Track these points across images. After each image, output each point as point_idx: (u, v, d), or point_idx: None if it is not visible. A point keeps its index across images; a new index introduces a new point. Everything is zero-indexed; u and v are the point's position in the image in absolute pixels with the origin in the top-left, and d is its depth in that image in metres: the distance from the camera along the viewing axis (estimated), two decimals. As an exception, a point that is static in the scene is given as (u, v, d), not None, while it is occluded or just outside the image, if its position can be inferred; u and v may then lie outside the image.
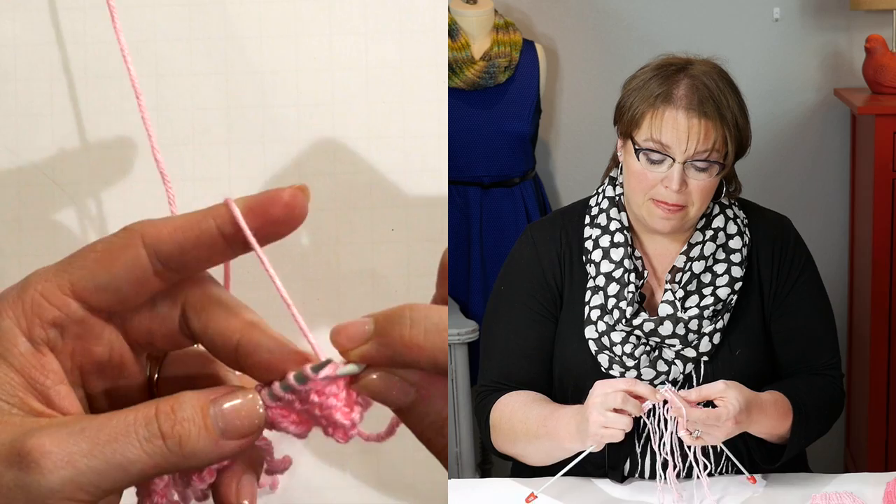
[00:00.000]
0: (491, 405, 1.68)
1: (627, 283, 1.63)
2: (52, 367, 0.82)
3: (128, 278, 0.83)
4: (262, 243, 0.85)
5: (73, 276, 0.82)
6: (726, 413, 1.46)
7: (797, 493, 1.54)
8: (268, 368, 0.84)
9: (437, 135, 1.12)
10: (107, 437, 0.78)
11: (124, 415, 0.80)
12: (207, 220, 0.84)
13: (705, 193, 1.60)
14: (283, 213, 0.85)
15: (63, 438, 0.77)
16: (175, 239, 0.83)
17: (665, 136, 1.57)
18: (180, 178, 1.12)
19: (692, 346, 1.63)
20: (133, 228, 0.84)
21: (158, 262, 0.83)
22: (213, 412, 0.81)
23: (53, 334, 0.82)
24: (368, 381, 0.83)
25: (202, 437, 0.80)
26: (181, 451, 0.80)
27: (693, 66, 1.62)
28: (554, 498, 1.55)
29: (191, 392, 0.82)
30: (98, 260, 0.82)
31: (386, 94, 1.12)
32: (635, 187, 1.62)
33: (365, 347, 0.82)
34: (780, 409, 1.58)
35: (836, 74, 3.07)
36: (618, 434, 1.45)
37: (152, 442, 0.79)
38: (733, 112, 1.59)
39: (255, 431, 0.83)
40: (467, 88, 2.74)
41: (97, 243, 0.83)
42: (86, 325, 0.83)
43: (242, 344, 0.84)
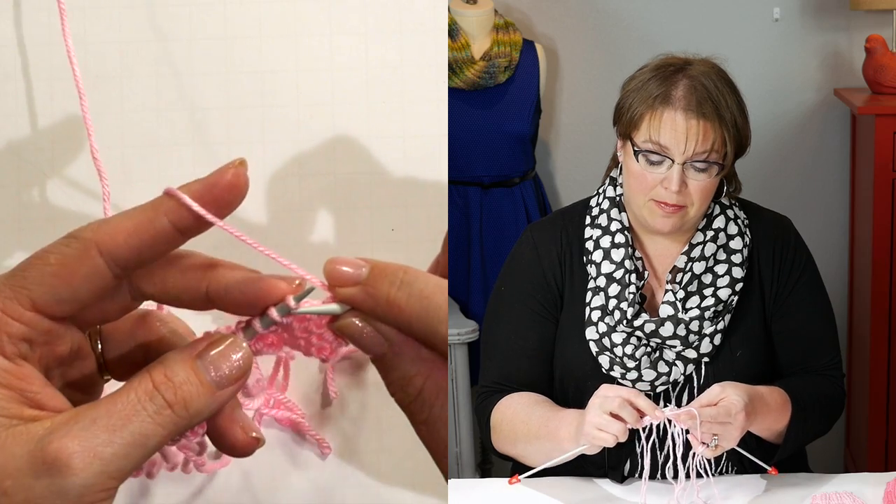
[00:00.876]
0: (492, 406, 1.68)
1: (628, 284, 1.63)
2: (34, 375, 0.82)
3: (88, 288, 0.83)
4: (209, 224, 0.85)
5: (33, 292, 0.81)
6: (735, 406, 1.46)
7: (797, 493, 1.54)
8: (246, 305, 0.85)
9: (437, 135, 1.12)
10: (119, 421, 0.79)
11: (125, 395, 0.81)
12: (160, 217, 0.83)
13: (705, 194, 1.60)
14: (229, 193, 0.85)
15: (81, 435, 0.78)
16: (130, 244, 0.83)
17: (664, 138, 1.57)
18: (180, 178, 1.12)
19: (693, 348, 1.63)
20: (85, 237, 0.83)
21: (116, 266, 0.83)
22: (203, 366, 0.82)
23: (24, 347, 0.82)
24: (347, 322, 0.85)
25: (202, 394, 0.82)
26: (188, 413, 0.81)
27: (692, 66, 1.62)
28: (554, 497, 1.55)
29: (174, 353, 0.83)
30: (55, 274, 0.82)
31: (386, 94, 1.12)
32: (635, 188, 1.62)
33: (352, 290, 0.84)
34: (779, 400, 1.57)
35: (836, 74, 3.07)
36: (610, 439, 1.45)
37: (162, 413, 0.80)
38: (732, 112, 1.59)
39: (245, 372, 0.84)
40: (467, 88, 2.74)
41: (49, 255, 0.82)
42: (51, 333, 0.84)
43: (211, 290, 0.85)
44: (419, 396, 0.85)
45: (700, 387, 1.63)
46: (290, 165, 1.12)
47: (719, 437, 1.45)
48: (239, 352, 0.84)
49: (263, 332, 0.86)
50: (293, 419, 1.11)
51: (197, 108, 1.12)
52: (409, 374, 0.85)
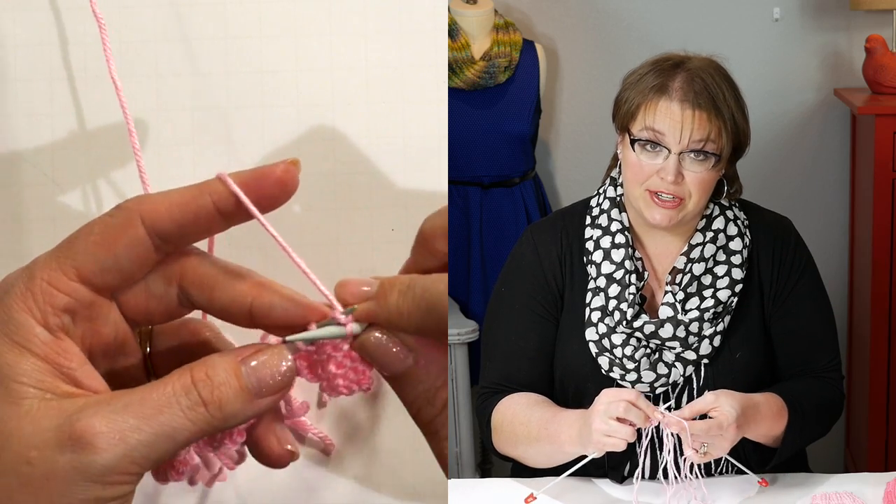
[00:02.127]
0: (492, 407, 1.68)
1: (628, 285, 1.63)
2: (72, 351, 0.83)
3: (130, 257, 0.84)
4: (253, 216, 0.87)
5: (77, 260, 0.83)
6: (727, 420, 1.45)
7: (797, 493, 1.54)
8: (286, 325, 0.86)
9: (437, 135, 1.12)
10: (151, 410, 0.80)
11: (162, 387, 0.82)
12: (203, 196, 0.85)
13: (703, 187, 1.60)
14: (277, 188, 0.87)
15: (110, 416, 0.79)
16: (173, 216, 0.84)
17: (659, 124, 1.57)
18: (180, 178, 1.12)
19: (692, 349, 1.63)
20: (129, 207, 0.85)
21: (158, 238, 0.85)
22: (245, 372, 0.83)
23: (67, 320, 0.83)
24: (365, 339, 0.86)
25: (239, 398, 0.83)
26: (222, 415, 0.82)
27: (690, 61, 1.63)
28: (554, 498, 1.55)
29: (218, 355, 0.84)
30: (98, 242, 0.83)
31: (386, 94, 1.12)
32: (631, 178, 1.62)
33: (364, 305, 0.85)
34: (774, 408, 1.57)
35: (836, 74, 3.07)
36: (620, 444, 1.45)
37: (195, 410, 0.81)
38: (729, 106, 1.59)
39: (286, 385, 0.85)
40: (467, 88, 2.74)
41: (94, 225, 0.84)
42: (94, 308, 0.85)
43: (255, 306, 0.87)
44: (444, 409, 0.85)
45: (699, 388, 1.63)
46: (290, 165, 1.12)
47: (709, 445, 1.45)
48: (284, 363, 0.85)
49: (304, 349, 0.86)
50: (295, 421, 1.11)
51: (197, 108, 1.12)
52: (436, 386, 0.85)
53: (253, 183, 0.86)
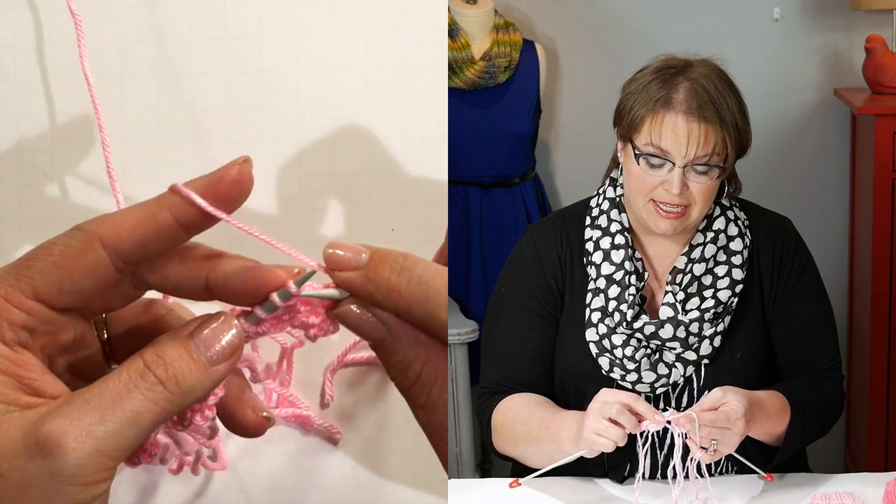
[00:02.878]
0: (493, 407, 1.68)
1: (628, 286, 1.63)
2: (32, 362, 0.83)
3: (90, 280, 0.84)
4: (215, 220, 0.86)
5: (36, 281, 0.82)
6: (735, 412, 1.45)
7: (797, 493, 1.54)
8: (246, 293, 0.86)
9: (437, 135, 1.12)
10: (111, 400, 0.80)
11: (117, 375, 0.81)
12: (163, 212, 0.84)
13: (706, 195, 1.60)
14: (233, 190, 0.86)
15: (73, 416, 0.79)
16: (133, 237, 0.84)
17: (665, 142, 1.57)
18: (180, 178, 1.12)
19: (693, 349, 1.63)
20: (89, 230, 0.84)
21: (119, 259, 0.84)
22: (194, 344, 0.83)
23: (24, 335, 0.83)
24: (345, 310, 0.86)
25: (194, 371, 0.82)
26: (180, 389, 0.82)
27: (692, 68, 1.62)
28: (554, 497, 1.55)
29: (167, 335, 0.84)
30: (58, 264, 0.82)
31: (386, 94, 1.12)
32: (635, 190, 1.61)
33: (352, 275, 0.85)
34: (777, 405, 1.57)
35: (836, 74, 3.07)
36: (609, 444, 1.45)
37: (153, 390, 0.81)
38: (733, 114, 1.59)
39: (237, 349, 0.85)
40: (467, 88, 2.74)
41: (52, 246, 0.83)
42: (52, 323, 0.84)
43: (211, 280, 0.86)
44: (418, 380, 0.86)
45: (699, 388, 1.63)
46: (290, 165, 1.12)
47: (718, 441, 1.44)
48: (231, 329, 0.85)
49: (266, 317, 0.87)
50: (299, 414, 1.11)
51: (197, 108, 1.12)
52: (408, 359, 0.86)
53: (209, 189, 0.85)
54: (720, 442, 1.44)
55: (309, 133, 1.12)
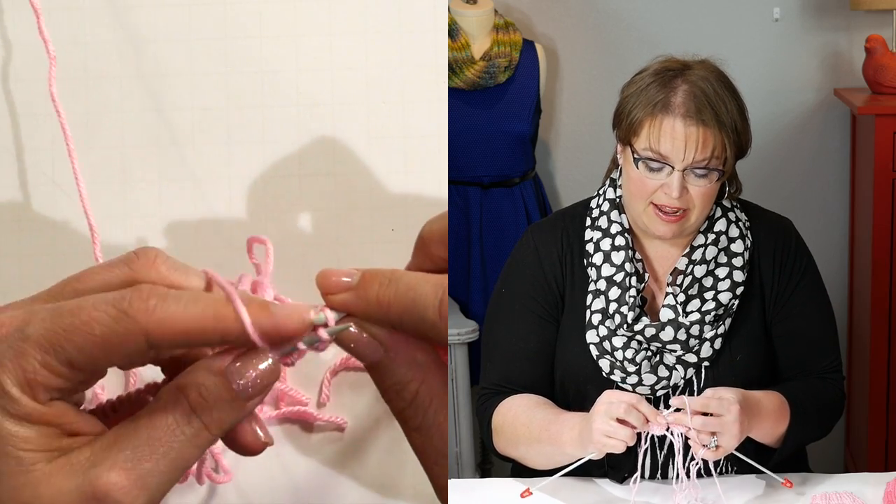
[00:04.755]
0: (493, 408, 1.67)
1: (629, 288, 1.63)
2: (67, 410, 0.83)
3: (125, 363, 0.84)
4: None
5: (73, 356, 0.81)
6: (727, 398, 1.45)
7: (797, 493, 1.54)
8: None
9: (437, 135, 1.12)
10: (162, 448, 0.81)
11: (163, 417, 0.82)
12: (216, 333, 0.82)
13: (706, 198, 1.60)
14: (289, 339, 0.85)
15: (126, 466, 0.80)
16: (177, 341, 0.82)
17: (664, 147, 1.56)
18: (180, 178, 1.12)
19: (693, 352, 1.63)
20: (137, 320, 0.81)
21: (155, 349, 0.83)
22: (237, 385, 0.83)
23: (56, 394, 0.83)
24: (343, 333, 0.86)
25: (234, 409, 0.83)
26: (222, 429, 0.83)
27: (691, 70, 1.61)
28: (554, 497, 1.55)
29: (204, 366, 0.84)
30: (97, 345, 0.81)
31: (386, 94, 1.12)
32: (635, 193, 1.61)
33: (343, 296, 0.86)
34: (775, 404, 1.57)
35: (836, 74, 3.07)
36: (619, 445, 1.44)
37: (200, 436, 0.82)
38: (732, 117, 1.59)
39: (271, 383, 0.85)
40: (467, 88, 2.74)
41: (94, 324, 0.81)
42: (85, 381, 0.84)
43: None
44: (413, 402, 0.86)
45: (700, 391, 1.63)
46: (290, 165, 1.12)
47: (718, 436, 1.44)
48: (266, 361, 0.84)
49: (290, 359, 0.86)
50: (301, 411, 1.11)
51: (197, 108, 1.12)
52: (404, 380, 0.86)
53: (271, 329, 0.83)
54: (720, 436, 1.44)
55: (309, 133, 1.12)
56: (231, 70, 1.12)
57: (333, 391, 1.13)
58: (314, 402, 1.13)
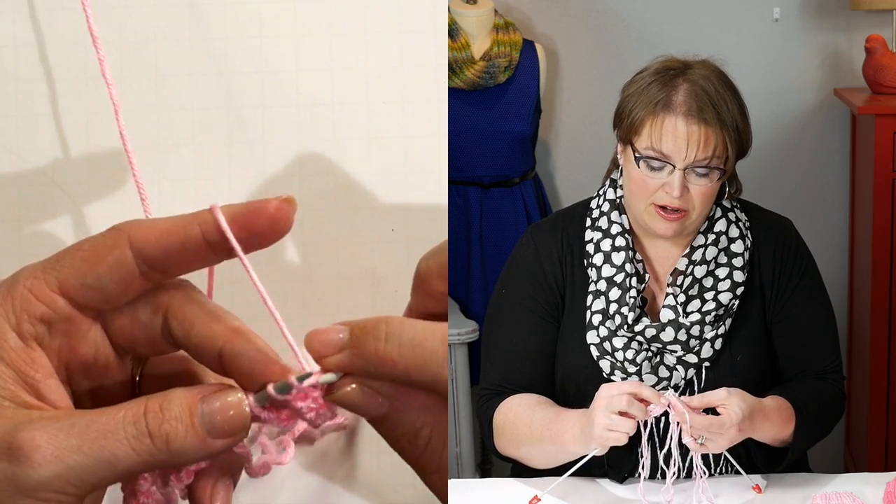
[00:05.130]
0: (493, 408, 1.67)
1: (629, 288, 1.63)
2: (41, 362, 0.83)
3: (113, 278, 0.84)
4: (245, 251, 0.86)
5: (61, 273, 0.83)
6: (729, 421, 1.45)
7: (797, 493, 1.54)
8: (249, 375, 0.85)
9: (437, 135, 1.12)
10: (96, 434, 0.80)
11: (114, 412, 0.81)
12: (193, 226, 0.85)
13: (707, 198, 1.60)
14: (268, 225, 0.86)
15: (53, 433, 0.79)
16: (161, 243, 0.84)
17: (665, 146, 1.57)
18: (180, 178, 1.12)
19: (694, 352, 1.63)
20: (121, 229, 0.85)
21: (144, 263, 0.84)
22: (201, 411, 0.82)
23: (41, 330, 0.83)
24: (343, 393, 0.84)
25: (189, 436, 0.81)
26: (168, 449, 0.81)
27: (692, 69, 1.62)
28: (556, 497, 1.55)
29: (180, 389, 0.83)
30: (85, 259, 0.83)
31: (386, 95, 1.12)
32: (636, 193, 1.61)
33: (339, 356, 0.84)
34: (784, 414, 1.57)
35: (836, 74, 3.07)
36: (622, 437, 1.45)
37: (140, 440, 0.80)
38: (733, 116, 1.59)
39: (241, 430, 0.83)
40: (467, 88, 2.74)
41: (84, 242, 0.85)
42: (72, 323, 0.85)
43: (225, 351, 0.85)
44: (428, 447, 0.85)
45: (700, 391, 1.63)
46: (290, 165, 1.12)
47: (707, 440, 1.45)
48: (241, 409, 0.83)
49: (259, 407, 0.85)
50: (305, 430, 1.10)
51: (197, 108, 1.12)
52: (416, 427, 0.85)
53: (244, 218, 0.85)
54: (708, 440, 1.45)
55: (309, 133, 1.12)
56: (231, 70, 1.12)
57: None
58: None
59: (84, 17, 1.09)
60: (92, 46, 1.11)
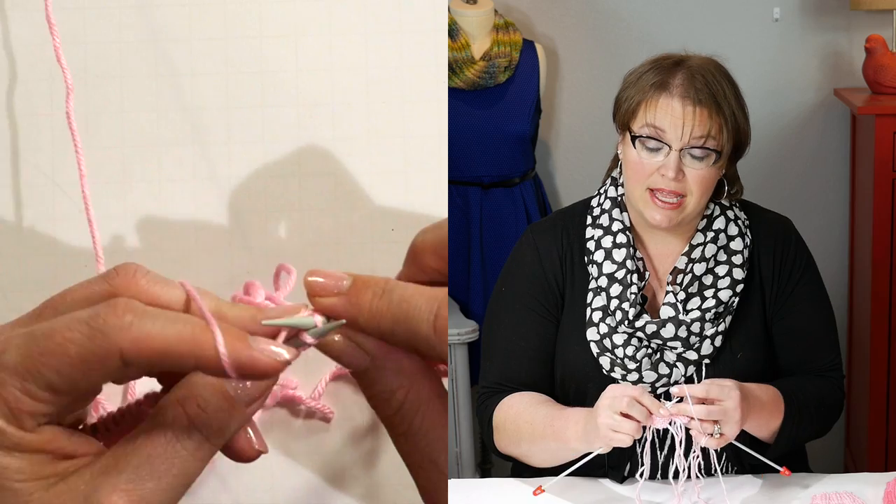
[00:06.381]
0: (494, 406, 1.67)
1: (630, 285, 1.63)
2: (58, 435, 0.81)
3: (101, 381, 0.81)
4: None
5: (51, 380, 0.79)
6: (726, 383, 1.45)
7: (797, 493, 1.54)
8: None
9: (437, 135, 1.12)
10: (163, 465, 0.79)
11: (161, 434, 0.80)
12: (191, 357, 0.80)
13: (704, 184, 1.60)
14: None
15: (128, 487, 0.78)
16: (153, 361, 0.80)
17: (660, 121, 1.57)
18: (180, 178, 1.12)
19: (693, 349, 1.63)
20: (109, 338, 0.79)
21: (132, 369, 0.81)
22: (230, 386, 0.81)
23: (42, 419, 0.81)
24: (329, 340, 0.85)
25: (234, 417, 0.82)
26: (223, 438, 0.82)
27: (691, 59, 1.63)
28: (558, 496, 1.55)
29: (200, 376, 0.82)
30: (74, 366, 0.79)
31: (386, 95, 1.12)
32: (633, 177, 1.62)
33: (333, 300, 0.84)
34: (771, 396, 1.57)
35: (836, 74, 3.07)
36: (626, 439, 1.45)
37: (202, 448, 0.81)
38: (729, 103, 1.60)
39: (270, 387, 0.84)
40: (467, 88, 2.74)
41: (69, 344, 0.79)
42: (70, 404, 0.82)
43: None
44: (400, 410, 0.86)
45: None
46: (290, 165, 1.12)
47: (721, 424, 1.44)
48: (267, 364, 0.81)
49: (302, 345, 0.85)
50: (289, 394, 1.11)
51: (197, 108, 1.12)
52: (391, 388, 0.85)
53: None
54: (723, 424, 1.44)
55: (308, 133, 1.12)
56: (231, 70, 1.12)
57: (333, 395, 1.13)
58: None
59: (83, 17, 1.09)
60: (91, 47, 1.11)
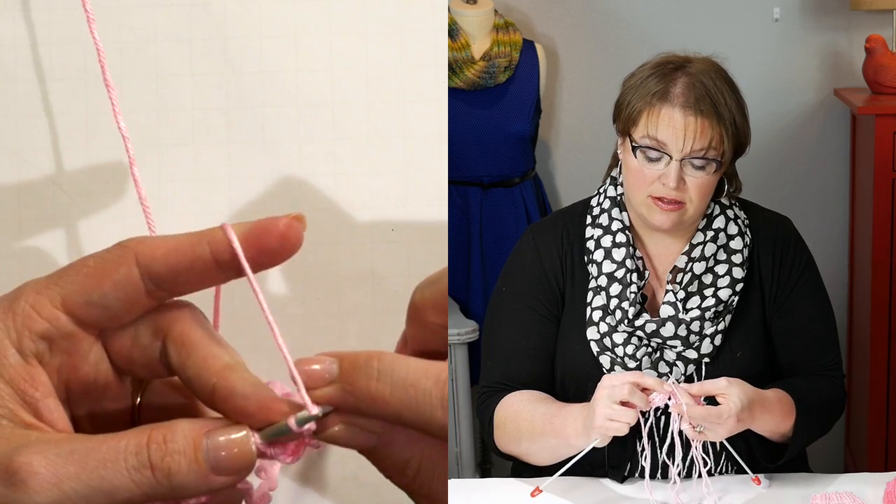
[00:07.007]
0: (494, 405, 1.68)
1: (630, 284, 1.63)
2: (41, 380, 0.81)
3: (118, 296, 0.82)
4: (255, 270, 0.84)
5: (65, 289, 0.81)
6: (728, 411, 1.45)
7: (797, 493, 1.54)
8: (243, 414, 0.83)
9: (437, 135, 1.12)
10: (95, 463, 0.78)
11: (115, 440, 0.79)
12: (202, 244, 0.83)
13: (704, 191, 1.60)
14: (278, 244, 0.84)
15: (52, 459, 0.77)
16: (168, 261, 0.82)
17: (661, 134, 1.57)
18: (180, 179, 1.12)
19: (693, 348, 1.63)
20: (127, 245, 0.83)
21: (150, 281, 0.82)
22: (206, 446, 0.80)
23: (42, 347, 0.81)
24: (332, 432, 0.83)
25: (192, 471, 0.79)
26: (169, 483, 0.79)
27: (691, 64, 1.63)
28: (558, 496, 1.55)
29: (186, 421, 0.81)
30: (90, 275, 0.81)
31: (386, 94, 1.12)
32: (634, 184, 1.62)
33: (329, 390, 0.82)
34: (784, 406, 1.57)
35: (836, 74, 3.07)
36: (623, 427, 1.44)
37: (141, 472, 0.78)
38: (731, 110, 1.60)
39: (246, 468, 0.81)
40: (467, 88, 2.75)
41: (89, 258, 0.82)
42: (74, 341, 0.83)
43: (218, 388, 0.83)
44: (417, 476, 0.84)
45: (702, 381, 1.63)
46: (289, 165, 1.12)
47: (705, 428, 1.45)
48: (247, 446, 0.81)
49: (262, 444, 0.83)
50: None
51: (197, 108, 1.12)
52: (404, 459, 0.84)
53: (254, 237, 0.83)
54: (706, 429, 1.45)
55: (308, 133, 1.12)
56: (231, 70, 1.12)
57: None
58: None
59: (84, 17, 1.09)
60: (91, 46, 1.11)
